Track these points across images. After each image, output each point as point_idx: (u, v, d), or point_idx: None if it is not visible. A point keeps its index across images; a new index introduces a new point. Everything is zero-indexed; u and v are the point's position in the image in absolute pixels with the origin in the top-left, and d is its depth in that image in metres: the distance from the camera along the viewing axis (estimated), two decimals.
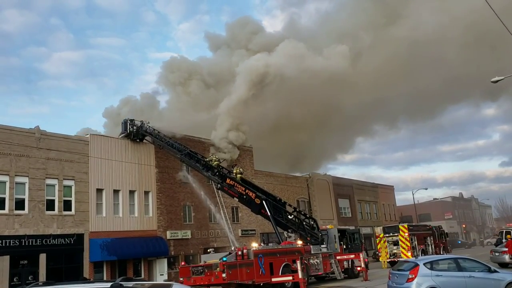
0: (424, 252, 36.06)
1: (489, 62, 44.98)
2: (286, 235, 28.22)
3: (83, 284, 5.09)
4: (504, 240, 30.69)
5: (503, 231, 36.99)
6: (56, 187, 26.71)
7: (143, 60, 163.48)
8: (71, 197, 27.39)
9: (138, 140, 31.97)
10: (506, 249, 26.33)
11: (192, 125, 36.68)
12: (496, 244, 31.47)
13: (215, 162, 29.47)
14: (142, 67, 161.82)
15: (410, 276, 14.00)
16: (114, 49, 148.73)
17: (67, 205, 27.08)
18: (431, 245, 38.65)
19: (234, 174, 29.18)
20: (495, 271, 14.49)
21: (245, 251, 21.81)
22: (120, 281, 4.91)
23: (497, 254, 27.77)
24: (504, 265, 25.42)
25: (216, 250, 30.28)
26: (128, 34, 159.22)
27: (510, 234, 31.12)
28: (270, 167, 45.80)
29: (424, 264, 14.33)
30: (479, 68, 45.61)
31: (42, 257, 25.14)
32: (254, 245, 24.66)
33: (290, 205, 30.46)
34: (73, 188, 27.54)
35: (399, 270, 15.10)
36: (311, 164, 53.96)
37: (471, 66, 47.16)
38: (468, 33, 45.40)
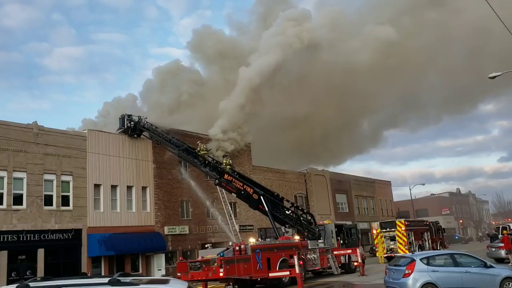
0: (421, 248, 36.18)
1: None
2: (283, 230, 28.30)
3: (80, 279, 5.13)
4: (500, 236, 30.83)
5: (499, 227, 37.21)
6: (54, 183, 26.72)
7: (144, 56, 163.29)
8: (69, 192, 27.41)
9: (135, 136, 31.97)
10: (502, 245, 26.46)
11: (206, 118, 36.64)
12: (492, 240, 31.63)
13: (203, 152, 29.58)
14: (143, 63, 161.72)
15: (407, 272, 14.09)
16: (115, 45, 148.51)
17: (65, 201, 27.10)
18: (428, 241, 38.78)
19: (223, 165, 29.30)
20: (491, 267, 14.60)
21: (242, 246, 21.90)
22: (118, 276, 4.95)
23: (493, 249, 27.93)
24: (500, 260, 25.57)
25: (214, 245, 30.42)
26: (130, 30, 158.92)
27: (507, 230, 31.25)
28: (273, 162, 45.89)
29: (421, 259, 14.42)
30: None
31: (40, 252, 25.19)
32: (252, 240, 24.75)
33: (287, 201, 30.54)
34: (71, 183, 27.55)
35: (395, 265, 15.20)
36: (317, 160, 54.25)
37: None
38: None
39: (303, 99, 45.14)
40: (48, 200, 26.30)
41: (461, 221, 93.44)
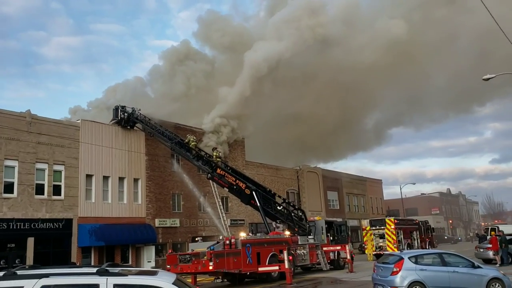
0: (410, 246, 36.46)
1: None
2: (274, 226, 28.40)
3: (69, 269, 5.15)
4: (488, 237, 31.12)
5: (488, 228, 37.54)
6: (46, 172, 26.62)
7: (141, 48, 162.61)
8: (60, 182, 27.31)
9: (129, 127, 31.87)
10: (490, 245, 26.71)
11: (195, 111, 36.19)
12: (480, 241, 31.92)
13: (193, 143, 29.58)
14: (140, 54, 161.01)
15: (395, 270, 14.19)
16: (113, 36, 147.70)
17: (56, 190, 27.02)
18: (417, 240, 39.09)
19: (213, 157, 29.32)
20: (479, 267, 14.70)
21: (233, 240, 21.96)
22: (106, 267, 4.97)
23: (481, 250, 28.18)
24: (488, 261, 25.81)
25: (204, 239, 30.44)
26: (128, 21, 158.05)
27: (495, 231, 31.53)
28: (267, 158, 45.90)
29: (409, 258, 14.51)
30: None
31: (30, 241, 25.12)
32: (242, 234, 24.83)
33: (279, 196, 30.65)
34: (63, 173, 27.46)
35: (384, 263, 15.28)
36: (312, 157, 54.31)
37: None
38: None
39: (307, 95, 44.99)
40: (39, 189, 26.20)
41: (450, 221, 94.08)
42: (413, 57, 46.55)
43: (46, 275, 4.77)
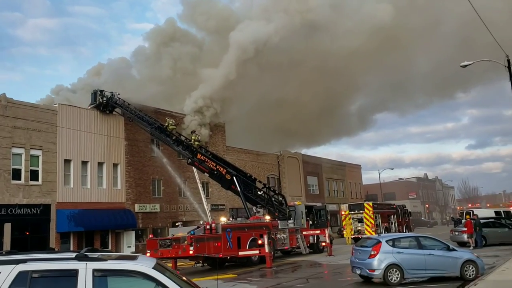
0: (388, 230, 37.15)
1: None
2: (255, 210, 28.59)
3: (47, 254, 5.10)
4: (463, 220, 31.88)
5: (463, 212, 38.43)
6: (23, 156, 26.16)
7: (121, 31, 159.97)
8: (38, 167, 26.89)
9: (107, 112, 31.44)
10: (465, 229, 27.39)
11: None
12: (455, 224, 32.69)
13: (171, 127, 29.46)
14: (119, 38, 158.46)
15: (373, 253, 14.46)
16: (91, 18, 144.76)
17: (34, 175, 26.61)
18: (395, 223, 39.81)
19: (192, 141, 29.26)
20: (454, 250, 15.07)
21: (213, 225, 22.07)
22: (86, 252, 4.94)
23: (456, 233, 28.90)
24: (462, 244, 26.49)
25: (185, 224, 30.47)
26: (107, 3, 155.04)
27: (470, 215, 32.31)
28: (248, 143, 45.82)
29: (386, 241, 14.79)
30: None
31: (7, 227, 24.75)
32: (223, 219, 24.96)
33: (260, 182, 30.81)
34: (40, 158, 27.02)
35: (362, 246, 15.55)
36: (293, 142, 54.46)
37: None
38: None
39: (291, 81, 44.76)
40: (16, 174, 25.77)
41: (427, 206, 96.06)
42: (398, 42, 46.71)
43: (24, 261, 4.71)
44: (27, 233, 26.01)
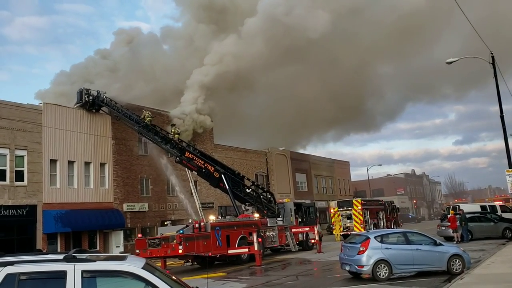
0: (376, 226, 37.43)
1: None
2: (243, 208, 28.59)
3: (34, 256, 5.05)
4: (448, 215, 32.20)
5: (449, 207, 38.80)
6: (8, 157, 25.81)
7: (110, 29, 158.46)
8: (23, 167, 26.56)
9: (94, 111, 31.16)
10: (449, 224, 27.69)
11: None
12: (442, 220, 33.01)
13: (148, 119, 29.48)
14: (109, 36, 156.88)
15: (361, 249, 14.57)
16: (80, 16, 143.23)
17: (19, 176, 26.27)
18: (383, 219, 40.14)
19: (172, 135, 29.16)
20: (440, 244, 15.26)
21: (202, 223, 22.03)
22: (74, 253, 4.89)
23: (443, 228, 29.24)
24: (449, 239, 26.79)
25: (174, 223, 30.38)
26: (96, 1, 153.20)
27: (455, 210, 32.63)
28: (236, 141, 45.70)
29: (375, 237, 14.92)
30: None
31: None
32: (212, 218, 24.92)
33: (248, 179, 30.78)
34: (25, 158, 26.69)
35: (351, 243, 15.65)
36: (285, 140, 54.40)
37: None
38: None
39: (291, 76, 44.61)
40: (0, 175, 25.43)
41: (414, 201, 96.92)
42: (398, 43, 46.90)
43: (11, 263, 4.66)
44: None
